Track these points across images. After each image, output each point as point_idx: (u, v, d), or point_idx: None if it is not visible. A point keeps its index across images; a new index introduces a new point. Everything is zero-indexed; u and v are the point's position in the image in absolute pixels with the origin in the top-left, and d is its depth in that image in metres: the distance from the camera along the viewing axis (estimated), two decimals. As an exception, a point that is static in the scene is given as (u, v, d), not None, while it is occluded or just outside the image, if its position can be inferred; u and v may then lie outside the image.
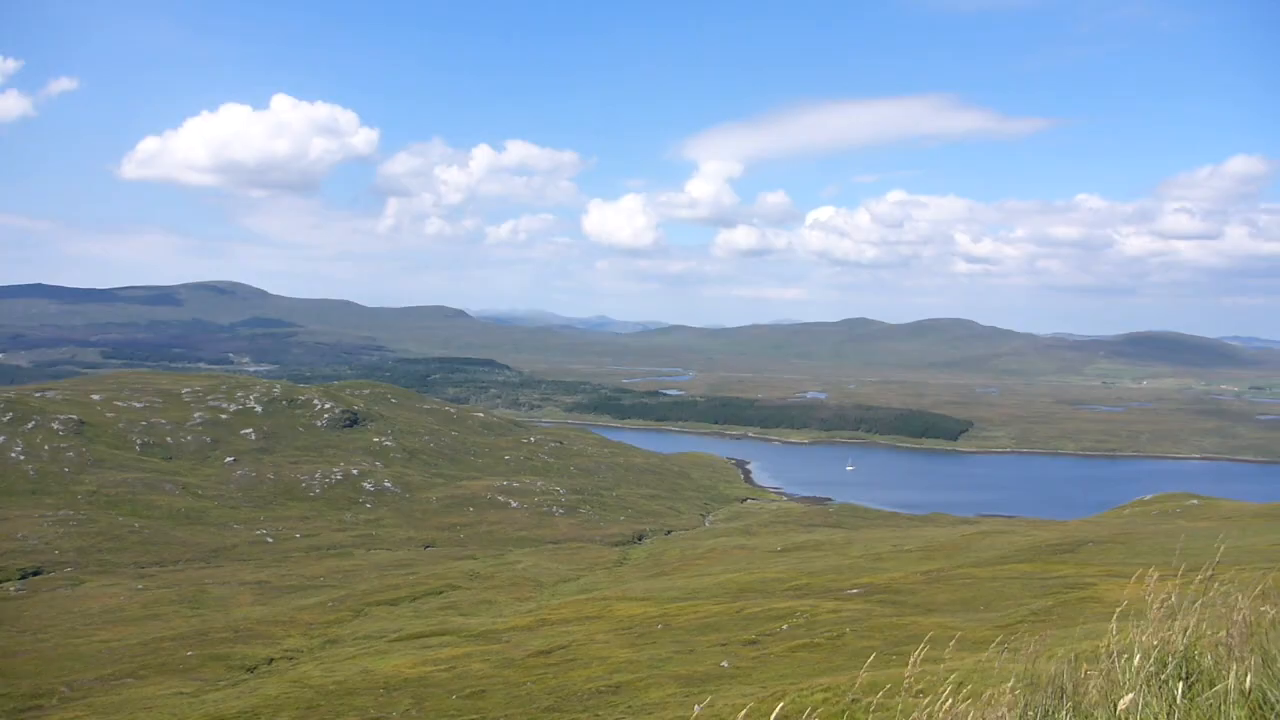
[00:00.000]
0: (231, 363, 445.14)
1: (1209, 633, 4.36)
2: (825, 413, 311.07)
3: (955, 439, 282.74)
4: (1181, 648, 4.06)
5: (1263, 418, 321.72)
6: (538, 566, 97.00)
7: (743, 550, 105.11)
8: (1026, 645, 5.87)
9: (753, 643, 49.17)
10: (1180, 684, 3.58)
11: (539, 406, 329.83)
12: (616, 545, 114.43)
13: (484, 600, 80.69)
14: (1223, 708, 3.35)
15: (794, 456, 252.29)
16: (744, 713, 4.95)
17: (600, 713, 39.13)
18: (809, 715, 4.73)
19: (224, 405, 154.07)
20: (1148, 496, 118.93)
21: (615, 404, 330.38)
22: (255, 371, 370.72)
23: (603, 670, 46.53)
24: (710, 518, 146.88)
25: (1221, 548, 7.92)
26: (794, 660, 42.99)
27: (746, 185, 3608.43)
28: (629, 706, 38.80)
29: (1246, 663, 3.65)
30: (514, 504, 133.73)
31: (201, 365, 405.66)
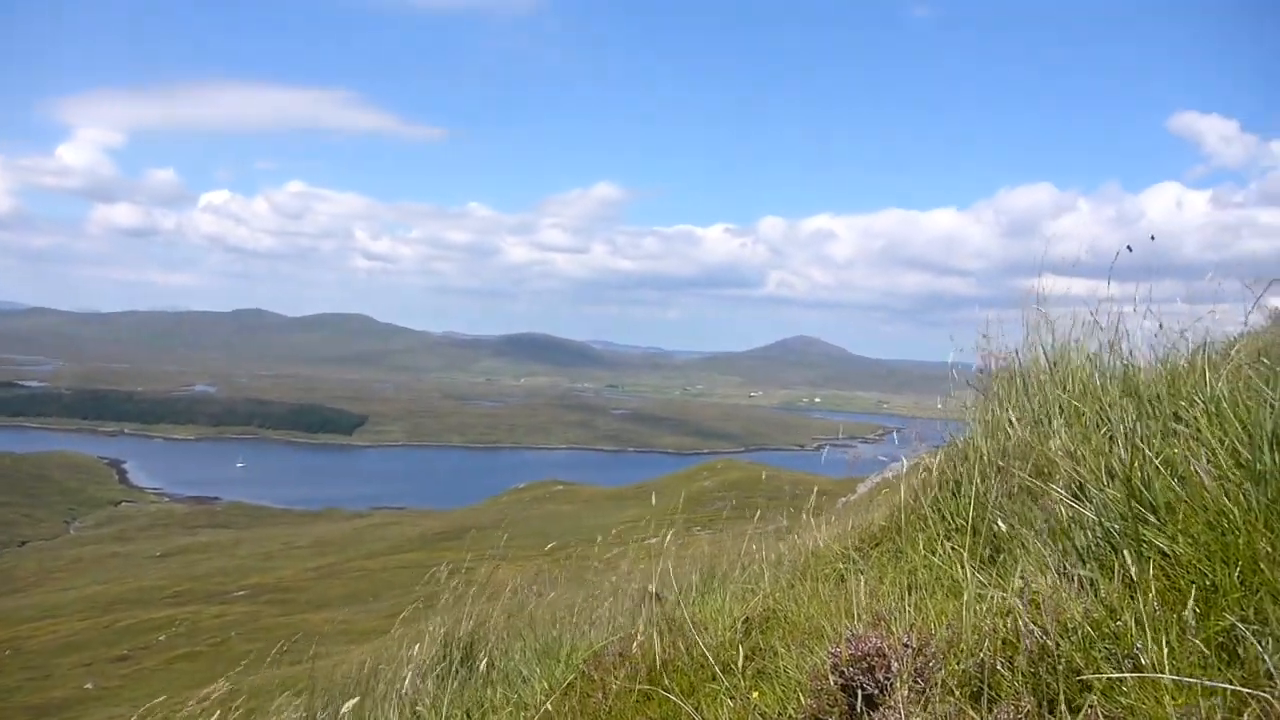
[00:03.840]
0: None
1: (494, 615, 5.39)
2: (214, 407, 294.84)
3: (350, 433, 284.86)
4: (467, 632, 5.02)
5: (615, 412, 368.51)
6: None
7: (116, 558, 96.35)
8: (414, 632, 6.46)
9: (124, 658, 45.68)
10: (456, 668, 4.50)
11: None
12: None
13: None
14: (482, 686, 4.30)
15: (178, 454, 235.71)
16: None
17: (-77, 764, 33.68)
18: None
19: None
20: (521, 484, 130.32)
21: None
22: None
23: (-73, 713, 39.98)
24: (77, 524, 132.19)
25: (505, 537, 9.38)
26: (172, 672, 40.70)
27: (130, 158, 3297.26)
28: (-38, 752, 33.92)
29: (505, 643, 4.69)
30: None
31: None
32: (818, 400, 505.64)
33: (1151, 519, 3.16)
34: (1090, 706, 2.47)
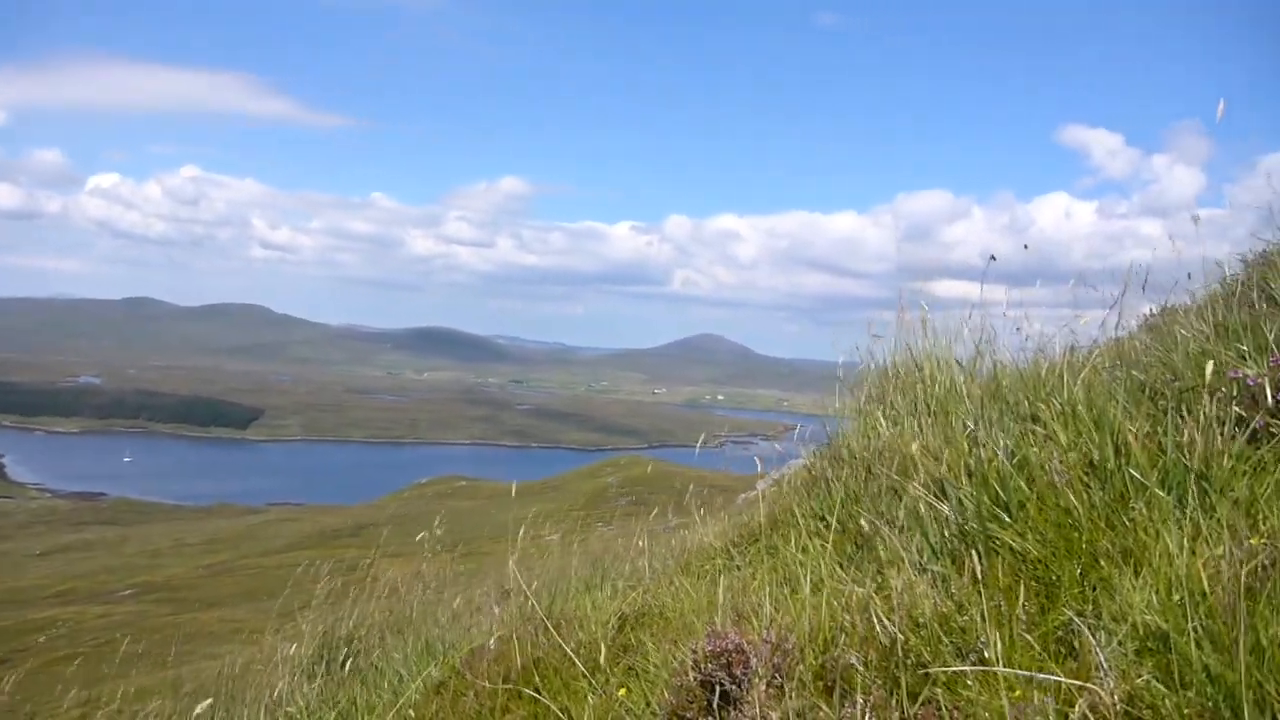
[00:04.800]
0: None
1: (374, 613, 5.34)
2: (101, 399, 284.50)
3: (245, 427, 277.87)
4: (345, 632, 4.97)
5: (520, 407, 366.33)
6: None
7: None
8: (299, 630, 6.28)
9: (0, 662, 43.78)
10: (329, 666, 4.46)
11: None
12: None
13: None
14: (359, 685, 4.26)
15: (61, 448, 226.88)
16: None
17: None
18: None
19: None
20: (423, 480, 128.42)
21: None
22: None
23: None
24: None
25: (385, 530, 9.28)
26: (53, 676, 39.13)
27: (12, 137, 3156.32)
28: None
29: (385, 642, 4.66)
30: None
31: None
32: (721, 398, 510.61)
33: (1004, 517, 3.30)
34: (933, 700, 2.57)
